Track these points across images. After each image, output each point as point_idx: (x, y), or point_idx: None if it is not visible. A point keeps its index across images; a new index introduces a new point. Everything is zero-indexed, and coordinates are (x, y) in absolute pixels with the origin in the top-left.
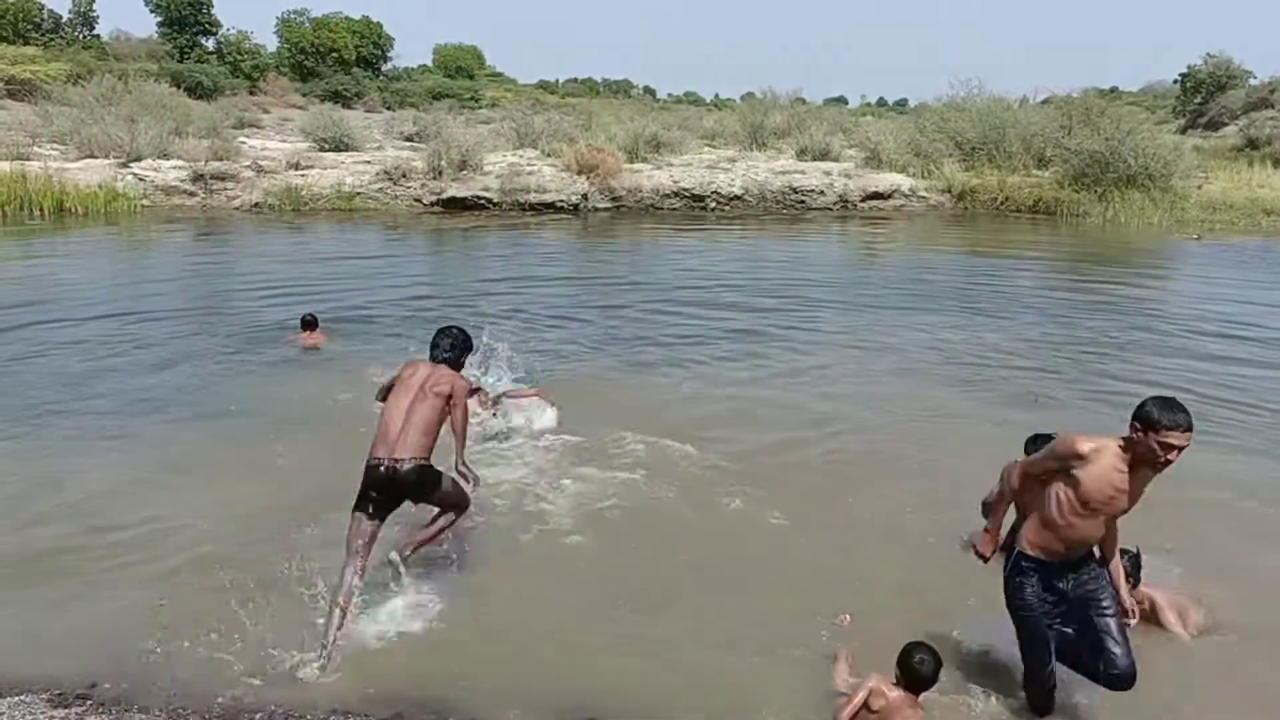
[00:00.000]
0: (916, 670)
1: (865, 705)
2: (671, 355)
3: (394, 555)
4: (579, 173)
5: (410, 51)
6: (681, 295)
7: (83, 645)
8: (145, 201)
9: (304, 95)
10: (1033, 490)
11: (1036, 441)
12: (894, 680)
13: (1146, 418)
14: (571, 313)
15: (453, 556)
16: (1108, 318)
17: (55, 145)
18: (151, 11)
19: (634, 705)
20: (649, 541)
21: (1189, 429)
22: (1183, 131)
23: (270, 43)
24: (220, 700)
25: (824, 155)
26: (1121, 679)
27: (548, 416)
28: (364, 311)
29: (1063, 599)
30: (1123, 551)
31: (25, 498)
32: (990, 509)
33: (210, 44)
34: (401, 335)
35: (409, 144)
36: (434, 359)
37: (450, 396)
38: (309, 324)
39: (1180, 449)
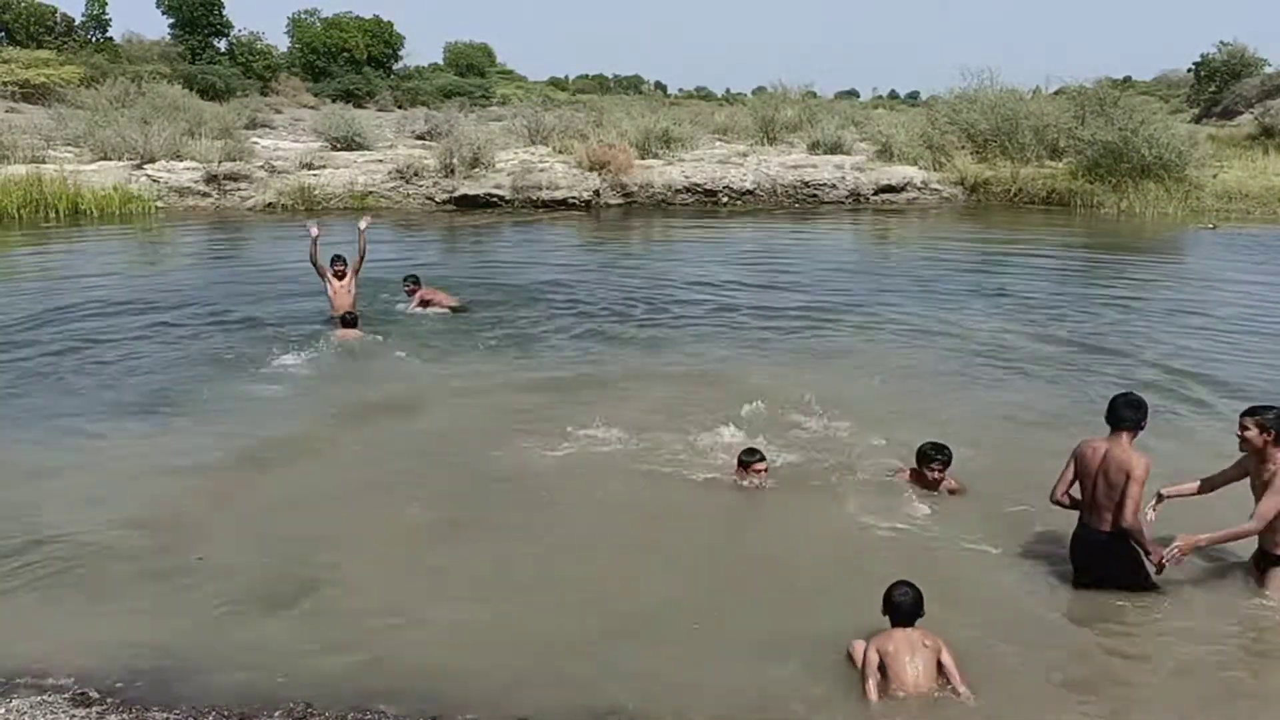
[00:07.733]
0: (900, 604)
1: (879, 656)
2: (686, 346)
3: None
4: (591, 169)
5: (421, 50)
6: (691, 288)
7: (105, 645)
8: (159, 203)
9: (315, 95)
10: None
11: (1119, 399)
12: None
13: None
14: (579, 307)
15: (473, 551)
16: (1120, 310)
17: (70, 148)
18: (164, 13)
19: (660, 704)
20: (664, 536)
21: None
22: (1197, 120)
23: (281, 43)
24: (239, 697)
25: (836, 149)
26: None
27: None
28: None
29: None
30: (1268, 407)
31: (47, 495)
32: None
33: (222, 45)
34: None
35: (421, 142)
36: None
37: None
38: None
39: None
